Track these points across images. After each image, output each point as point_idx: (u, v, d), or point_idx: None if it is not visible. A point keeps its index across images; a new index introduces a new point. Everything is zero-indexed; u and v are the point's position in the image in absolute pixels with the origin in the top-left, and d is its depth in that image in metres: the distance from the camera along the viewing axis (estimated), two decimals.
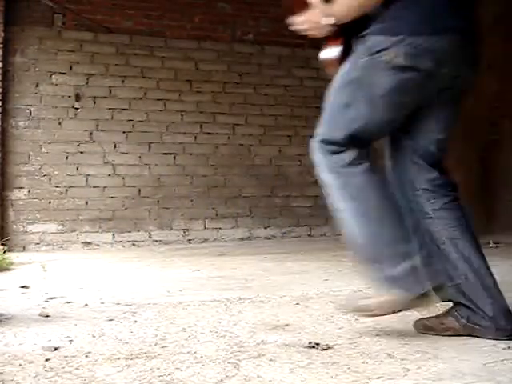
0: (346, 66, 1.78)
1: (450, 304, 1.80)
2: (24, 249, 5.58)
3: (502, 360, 1.54)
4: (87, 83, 5.97)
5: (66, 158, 5.87)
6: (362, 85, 1.73)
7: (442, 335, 1.78)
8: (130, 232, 6.02)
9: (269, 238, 6.48)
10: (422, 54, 1.65)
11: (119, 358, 1.63)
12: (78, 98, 5.93)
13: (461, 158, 6.79)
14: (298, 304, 2.44)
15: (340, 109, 1.77)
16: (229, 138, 6.47)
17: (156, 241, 6.09)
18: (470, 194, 6.56)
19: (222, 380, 1.42)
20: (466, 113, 7.19)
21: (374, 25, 1.71)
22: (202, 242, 6.26)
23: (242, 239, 6.40)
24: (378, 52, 1.68)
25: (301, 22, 1.85)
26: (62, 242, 5.78)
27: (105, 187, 6.02)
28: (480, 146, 6.46)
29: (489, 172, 6.33)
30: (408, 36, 1.65)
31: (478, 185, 6.50)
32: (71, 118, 5.91)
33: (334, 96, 1.80)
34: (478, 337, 1.75)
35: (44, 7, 5.85)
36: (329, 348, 1.70)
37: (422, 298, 1.70)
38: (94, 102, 6.00)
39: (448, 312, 1.80)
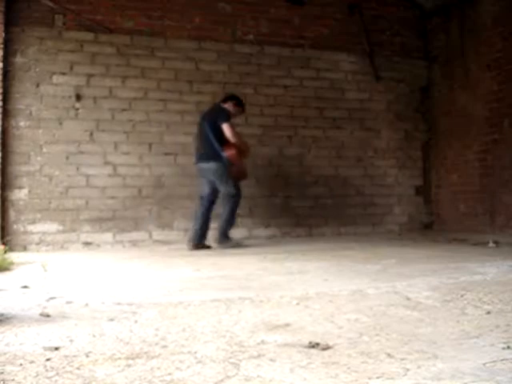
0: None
1: None
2: (25, 249, 5.59)
3: (502, 360, 1.54)
4: (88, 83, 5.98)
5: (67, 158, 5.88)
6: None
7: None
8: (130, 232, 6.03)
9: (269, 238, 6.48)
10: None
11: (120, 358, 1.63)
12: (78, 98, 5.94)
13: (461, 158, 6.80)
14: (298, 304, 2.44)
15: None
16: None
17: (156, 241, 6.09)
18: (470, 194, 6.58)
19: (222, 380, 1.42)
20: (465, 113, 7.23)
21: None
22: None
23: (241, 239, 6.39)
24: None
25: None
26: (63, 242, 5.79)
27: (105, 187, 6.03)
28: (480, 146, 6.46)
29: (489, 172, 6.33)
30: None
31: (477, 185, 6.50)
32: (72, 119, 5.93)
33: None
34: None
35: (44, 8, 5.86)
36: (329, 348, 1.70)
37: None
38: (95, 102, 6.01)
39: None
